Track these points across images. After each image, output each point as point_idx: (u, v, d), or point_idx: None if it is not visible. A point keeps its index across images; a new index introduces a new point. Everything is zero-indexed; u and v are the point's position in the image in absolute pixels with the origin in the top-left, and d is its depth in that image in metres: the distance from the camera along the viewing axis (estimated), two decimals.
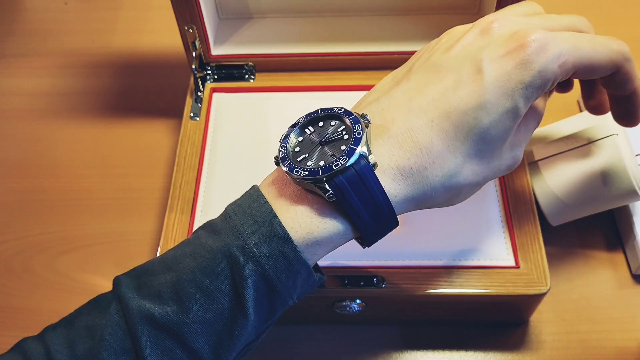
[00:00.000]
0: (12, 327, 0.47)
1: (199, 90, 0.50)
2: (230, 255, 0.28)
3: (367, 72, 0.51)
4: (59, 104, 0.60)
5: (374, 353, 0.44)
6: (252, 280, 0.28)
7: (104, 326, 0.28)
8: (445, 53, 0.30)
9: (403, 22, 0.52)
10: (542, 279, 0.39)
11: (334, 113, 0.31)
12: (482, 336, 0.44)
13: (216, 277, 0.28)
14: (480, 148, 0.29)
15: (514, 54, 0.28)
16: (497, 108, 0.28)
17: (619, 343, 0.43)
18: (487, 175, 0.31)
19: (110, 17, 0.67)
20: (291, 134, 0.31)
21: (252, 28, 0.53)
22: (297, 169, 0.29)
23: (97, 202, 0.53)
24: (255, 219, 0.29)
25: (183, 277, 0.28)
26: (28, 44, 0.65)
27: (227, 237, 0.29)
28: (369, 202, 0.28)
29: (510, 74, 0.28)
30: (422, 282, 0.40)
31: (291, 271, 0.29)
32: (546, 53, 0.28)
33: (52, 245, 0.51)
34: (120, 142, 0.56)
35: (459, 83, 0.29)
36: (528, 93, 0.28)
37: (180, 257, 0.29)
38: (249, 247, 0.28)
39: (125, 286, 0.29)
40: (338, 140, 0.30)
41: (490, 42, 0.29)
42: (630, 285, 0.46)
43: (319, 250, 0.29)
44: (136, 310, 0.28)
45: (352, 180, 0.28)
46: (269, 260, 0.28)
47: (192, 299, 0.28)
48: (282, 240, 0.28)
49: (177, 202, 0.44)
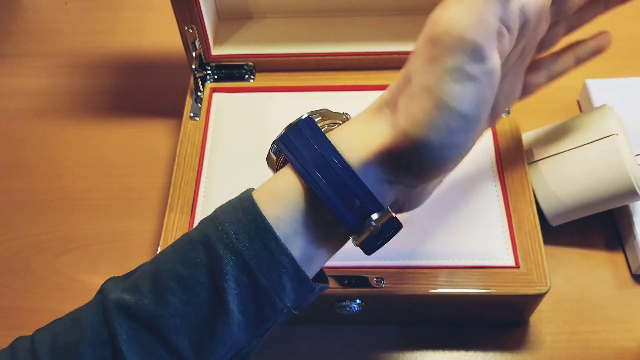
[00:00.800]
0: (12, 327, 0.47)
1: (199, 90, 0.50)
2: (209, 245, 0.27)
3: (367, 72, 0.51)
4: (59, 104, 0.60)
5: (374, 353, 0.44)
6: (232, 272, 0.27)
7: (83, 316, 0.28)
8: None
9: (403, 22, 0.52)
10: (542, 279, 0.39)
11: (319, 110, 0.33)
12: (482, 336, 0.44)
13: (195, 269, 0.27)
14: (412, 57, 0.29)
15: None
16: None
17: (619, 343, 0.43)
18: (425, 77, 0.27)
19: (110, 17, 0.67)
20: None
21: (252, 28, 0.53)
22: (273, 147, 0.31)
23: (97, 202, 0.53)
24: (235, 207, 0.29)
25: (162, 269, 0.28)
26: (28, 44, 0.65)
27: (207, 227, 0.28)
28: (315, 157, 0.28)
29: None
30: (422, 282, 0.40)
31: (273, 262, 0.27)
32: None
33: (52, 245, 0.51)
34: (120, 142, 0.56)
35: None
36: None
37: (163, 251, 0.29)
38: (228, 237, 0.27)
39: (112, 281, 0.30)
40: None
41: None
42: (630, 285, 0.46)
43: (299, 240, 0.28)
44: (114, 301, 0.28)
45: (296, 134, 0.29)
46: (249, 250, 0.27)
47: (170, 291, 0.27)
48: (262, 229, 0.27)
49: (177, 202, 0.44)
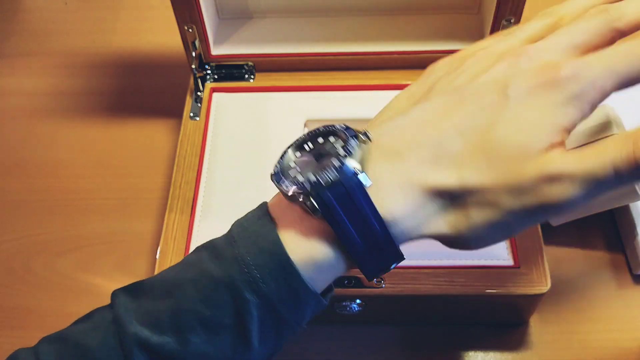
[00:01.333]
0: (12, 327, 0.47)
1: (199, 90, 0.50)
2: (234, 288, 0.27)
3: (367, 72, 0.50)
4: (59, 104, 0.60)
5: (374, 353, 0.44)
6: (257, 313, 0.27)
7: (97, 348, 0.27)
8: (472, 80, 0.28)
9: (403, 22, 0.52)
10: (542, 279, 0.39)
11: (334, 129, 0.29)
12: (482, 336, 0.44)
13: (219, 310, 0.27)
14: (492, 162, 0.26)
15: (546, 84, 0.26)
16: (515, 119, 0.26)
17: (619, 343, 0.43)
18: (505, 203, 0.26)
19: (110, 17, 0.67)
20: (289, 149, 0.30)
21: (252, 28, 0.53)
22: (287, 184, 0.27)
23: (97, 202, 0.53)
24: (261, 247, 0.27)
25: (183, 307, 0.27)
26: (28, 44, 0.65)
27: (230, 266, 0.27)
28: (360, 225, 0.26)
29: (540, 96, 0.26)
30: (422, 282, 0.40)
31: (299, 302, 0.27)
32: (579, 81, 0.26)
33: (52, 245, 0.51)
34: (120, 142, 0.56)
35: (483, 110, 0.27)
36: (564, 110, 0.26)
37: (181, 282, 0.28)
38: (254, 281, 0.27)
39: (124, 308, 0.28)
40: (333, 156, 0.28)
41: (520, 72, 0.27)
42: (630, 285, 0.46)
43: (324, 277, 0.28)
44: (133, 336, 0.27)
45: (340, 196, 0.26)
46: (276, 293, 0.27)
47: (191, 331, 0.27)
48: (289, 274, 0.27)
49: (177, 202, 0.44)
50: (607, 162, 0.25)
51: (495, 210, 0.26)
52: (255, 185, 0.45)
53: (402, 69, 0.50)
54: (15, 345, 0.32)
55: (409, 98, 0.30)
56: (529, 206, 0.26)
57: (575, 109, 0.26)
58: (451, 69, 0.30)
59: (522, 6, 0.45)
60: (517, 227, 0.27)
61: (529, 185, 0.25)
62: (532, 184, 0.25)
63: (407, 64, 0.50)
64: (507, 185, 0.26)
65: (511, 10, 0.45)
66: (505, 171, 0.26)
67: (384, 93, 0.49)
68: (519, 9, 0.45)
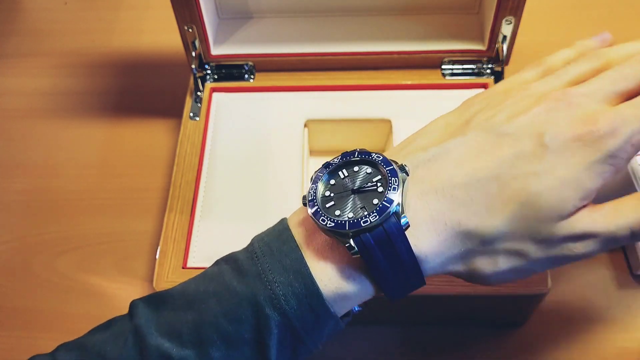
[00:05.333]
0: (12, 327, 0.47)
1: (199, 90, 0.50)
2: (256, 303, 0.27)
3: (367, 72, 0.50)
4: (59, 104, 0.60)
5: (374, 353, 0.44)
6: (276, 330, 0.27)
7: (117, 359, 0.27)
8: (509, 120, 0.28)
9: (403, 22, 0.52)
10: (542, 279, 0.39)
11: (372, 159, 0.29)
12: (482, 336, 0.44)
13: (240, 325, 0.27)
14: (525, 213, 0.26)
15: (583, 138, 0.26)
16: (554, 174, 0.26)
17: (619, 343, 0.43)
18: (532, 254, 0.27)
19: (109, 17, 0.67)
20: (323, 175, 0.29)
21: (251, 28, 0.53)
22: (324, 217, 0.27)
23: (97, 202, 0.53)
24: (284, 265, 0.27)
25: (205, 320, 0.27)
26: (28, 44, 0.65)
27: (253, 282, 0.27)
28: (395, 264, 0.27)
29: (576, 152, 0.26)
30: None
31: (319, 324, 0.28)
32: (616, 137, 0.26)
33: (52, 245, 0.51)
34: (120, 142, 0.56)
35: (519, 154, 0.27)
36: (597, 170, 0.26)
37: (203, 295, 0.28)
38: (277, 298, 0.27)
39: (145, 319, 0.28)
40: (371, 192, 0.28)
41: (557, 120, 0.27)
42: (630, 285, 0.46)
43: (347, 304, 0.29)
44: (154, 348, 0.27)
45: (380, 239, 0.26)
46: (297, 313, 0.27)
47: (212, 345, 0.27)
48: (312, 294, 0.27)
49: (177, 202, 0.44)
50: (626, 225, 0.27)
51: (523, 258, 0.28)
52: (255, 185, 0.45)
53: (402, 69, 0.50)
54: (15, 345, 0.32)
55: (445, 127, 0.30)
56: (553, 258, 0.28)
57: (611, 167, 0.26)
58: (490, 104, 0.30)
59: (522, 6, 0.45)
60: (537, 272, 0.29)
61: (558, 241, 0.27)
62: (561, 240, 0.27)
63: (407, 64, 0.50)
64: (538, 239, 0.27)
65: (511, 10, 0.45)
66: (537, 225, 0.27)
67: (384, 93, 0.50)
68: (519, 9, 0.45)
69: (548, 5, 0.63)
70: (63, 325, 0.46)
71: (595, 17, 0.62)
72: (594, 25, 0.61)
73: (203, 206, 0.44)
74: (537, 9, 0.60)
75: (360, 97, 0.50)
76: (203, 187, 0.45)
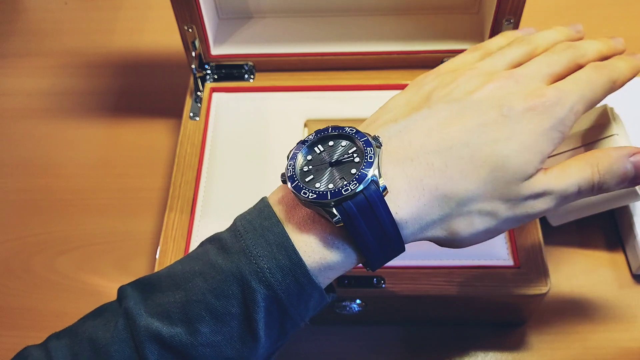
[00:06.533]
0: (12, 327, 0.47)
1: (199, 90, 0.50)
2: (241, 278, 0.28)
3: (367, 72, 0.51)
4: (59, 104, 0.60)
5: (374, 353, 0.44)
6: (263, 304, 0.28)
7: (110, 342, 0.28)
8: (469, 94, 0.31)
9: (403, 22, 0.52)
10: (542, 279, 0.39)
11: (345, 133, 0.30)
12: (482, 336, 0.44)
13: (226, 300, 0.28)
14: (496, 175, 0.29)
15: (536, 108, 0.30)
16: (517, 140, 0.29)
17: (619, 343, 0.43)
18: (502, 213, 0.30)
19: (110, 17, 0.67)
20: (300, 151, 0.30)
21: (251, 28, 0.53)
22: (305, 190, 0.28)
23: (97, 202, 0.53)
24: (267, 240, 0.28)
25: (192, 298, 0.28)
26: (28, 44, 0.65)
27: (238, 258, 0.28)
28: (377, 230, 0.28)
29: (532, 120, 0.30)
30: (422, 282, 0.40)
31: (303, 295, 0.28)
32: (563, 106, 0.30)
33: (52, 245, 0.51)
34: (120, 142, 0.56)
35: (484, 123, 0.30)
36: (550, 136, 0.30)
37: (189, 274, 0.29)
38: (262, 271, 0.28)
39: (133, 301, 0.29)
40: (349, 163, 0.29)
41: (511, 94, 0.30)
42: (630, 285, 0.46)
43: (330, 274, 0.29)
44: (144, 328, 0.28)
45: (361, 206, 0.27)
46: (282, 285, 0.28)
47: (201, 321, 0.28)
48: (295, 266, 0.28)
49: (177, 202, 0.44)
50: (575, 183, 0.30)
51: (494, 218, 0.30)
52: (255, 185, 0.45)
53: (402, 69, 0.50)
54: (15, 345, 0.32)
55: (407, 104, 0.32)
56: (518, 215, 0.30)
57: (560, 134, 0.30)
58: (443, 81, 0.32)
59: (522, 6, 0.45)
60: (504, 231, 0.31)
61: (522, 199, 0.30)
62: (524, 199, 0.30)
63: (407, 64, 0.50)
64: (506, 199, 0.30)
65: (511, 10, 0.45)
66: (506, 186, 0.29)
67: (384, 93, 0.50)
68: (519, 9, 0.45)
69: (548, 5, 0.63)
70: (63, 325, 0.46)
71: (595, 17, 0.62)
72: (594, 25, 0.61)
73: (203, 206, 0.44)
74: (537, 9, 0.60)
75: (360, 97, 0.50)
76: (203, 186, 0.45)
